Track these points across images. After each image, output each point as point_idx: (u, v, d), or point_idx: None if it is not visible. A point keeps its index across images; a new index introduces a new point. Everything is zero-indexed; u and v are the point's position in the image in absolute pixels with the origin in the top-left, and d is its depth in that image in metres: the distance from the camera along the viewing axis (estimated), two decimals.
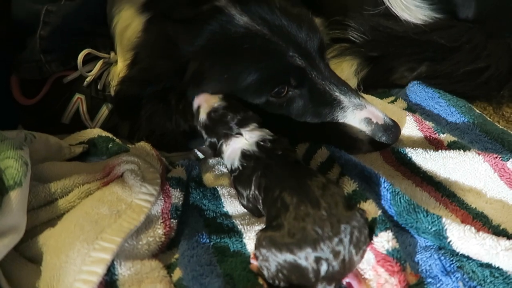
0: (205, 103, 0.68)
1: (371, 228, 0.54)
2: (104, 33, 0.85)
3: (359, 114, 0.71)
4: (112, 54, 0.85)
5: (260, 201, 0.60)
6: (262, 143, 0.64)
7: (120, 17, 0.82)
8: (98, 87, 0.84)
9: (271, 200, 0.57)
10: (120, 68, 0.81)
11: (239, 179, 0.65)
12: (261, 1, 0.72)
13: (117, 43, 0.84)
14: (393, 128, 0.71)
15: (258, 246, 0.52)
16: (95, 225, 0.53)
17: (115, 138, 0.80)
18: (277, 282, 0.50)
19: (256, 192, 0.61)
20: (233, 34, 0.69)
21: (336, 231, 0.49)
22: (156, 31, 0.74)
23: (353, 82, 0.94)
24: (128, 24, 0.80)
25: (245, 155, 0.64)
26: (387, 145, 0.71)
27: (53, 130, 0.84)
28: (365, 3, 0.96)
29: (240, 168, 0.64)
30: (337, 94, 0.72)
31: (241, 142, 0.65)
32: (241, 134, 0.65)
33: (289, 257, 0.49)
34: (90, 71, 0.84)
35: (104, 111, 0.84)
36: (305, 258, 0.48)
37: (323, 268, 0.48)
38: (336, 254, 0.48)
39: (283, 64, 0.69)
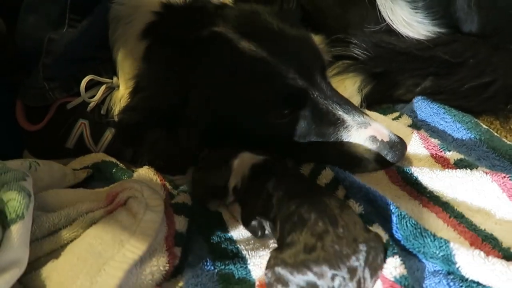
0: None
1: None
2: (106, 57, 0.85)
3: (364, 133, 0.70)
4: (115, 79, 0.86)
5: (271, 215, 0.59)
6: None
7: (121, 43, 0.82)
8: (102, 112, 0.85)
9: (286, 214, 0.56)
10: (122, 94, 0.82)
11: (249, 190, 0.64)
12: (260, 24, 0.73)
13: (119, 69, 0.84)
14: (399, 145, 0.70)
15: (272, 265, 0.51)
16: (98, 257, 0.52)
17: (118, 163, 0.80)
18: None
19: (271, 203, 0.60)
20: (233, 59, 0.69)
21: (354, 250, 0.48)
22: (156, 59, 0.74)
23: (356, 99, 0.93)
24: (129, 50, 0.80)
25: (256, 166, 0.65)
26: (393, 163, 0.71)
27: (58, 155, 0.85)
28: (367, 21, 0.96)
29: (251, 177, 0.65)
30: (340, 113, 0.71)
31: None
32: None
33: (304, 274, 0.48)
34: (93, 96, 0.84)
35: (108, 135, 0.84)
36: (321, 275, 0.47)
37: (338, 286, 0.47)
38: (352, 273, 0.47)
39: (284, 87, 0.69)
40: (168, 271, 0.59)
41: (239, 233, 0.67)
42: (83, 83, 0.82)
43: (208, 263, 0.61)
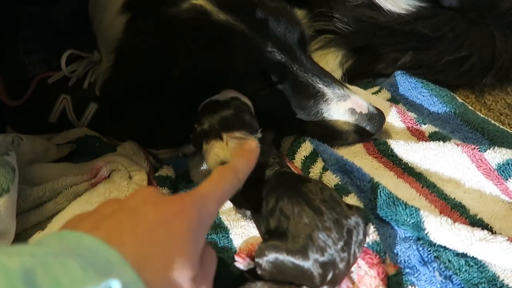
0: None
1: None
2: (87, 31, 0.84)
3: (343, 105, 0.72)
4: (96, 53, 0.85)
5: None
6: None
7: (102, 17, 0.81)
8: (84, 86, 0.84)
9: (267, 212, 0.55)
10: (104, 68, 0.82)
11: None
12: None
13: (100, 43, 0.84)
14: (377, 117, 0.72)
15: (260, 255, 0.50)
16: None
17: (102, 137, 0.81)
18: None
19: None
20: (212, 33, 0.69)
21: (340, 235, 0.49)
22: (137, 33, 0.73)
23: (338, 73, 0.94)
24: (109, 24, 0.79)
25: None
26: (372, 133, 0.73)
27: (41, 130, 0.85)
28: None
29: None
30: (320, 86, 0.72)
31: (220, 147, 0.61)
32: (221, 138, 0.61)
33: (295, 263, 0.48)
34: (75, 71, 0.84)
35: (91, 110, 0.84)
36: (312, 264, 0.48)
37: (330, 272, 0.48)
38: (342, 257, 0.48)
39: (262, 61, 0.70)
40: None
41: None
42: (64, 57, 0.81)
43: None
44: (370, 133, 0.72)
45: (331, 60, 0.95)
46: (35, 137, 0.75)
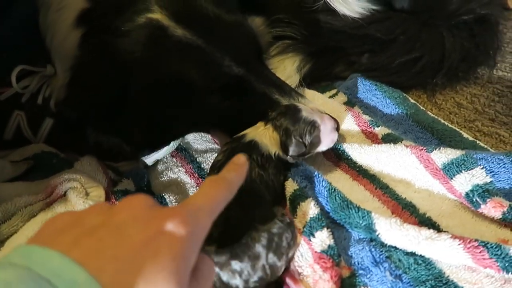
0: None
1: (310, 227, 0.58)
2: (38, 45, 0.82)
3: None
4: (49, 67, 0.83)
5: None
6: None
7: (54, 31, 0.80)
8: (38, 101, 0.83)
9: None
10: (60, 84, 0.80)
11: None
12: (195, 10, 0.73)
13: (54, 57, 0.82)
14: None
15: None
16: None
17: (59, 153, 0.80)
18: None
19: None
20: (169, 47, 0.69)
21: (252, 244, 0.51)
22: (92, 49, 0.73)
23: (295, 79, 0.96)
24: (63, 38, 0.78)
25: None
26: None
27: None
28: (304, 0, 0.98)
29: None
30: (276, 96, 0.74)
31: None
32: None
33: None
34: (27, 86, 0.82)
35: (47, 125, 0.83)
36: (224, 269, 0.50)
37: (244, 278, 0.50)
38: (254, 264, 0.50)
39: (220, 75, 0.71)
40: None
41: None
42: (14, 74, 0.79)
43: None
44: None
45: (289, 65, 0.97)
46: None
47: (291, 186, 0.66)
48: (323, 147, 0.70)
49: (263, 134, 0.68)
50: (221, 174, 0.45)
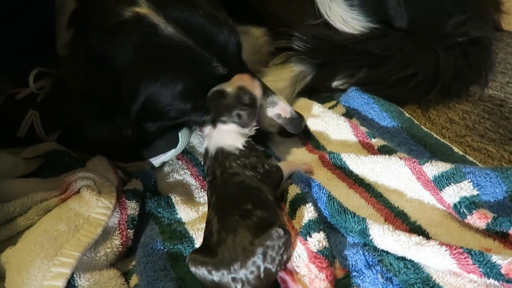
0: None
1: (308, 228, 0.62)
2: (51, 49, 0.85)
3: (272, 111, 0.80)
4: None
5: None
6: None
7: (60, 34, 0.82)
8: None
9: (208, 220, 0.63)
10: None
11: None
12: (184, 7, 0.72)
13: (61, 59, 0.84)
14: (297, 120, 0.80)
15: (190, 265, 0.58)
16: (54, 241, 0.57)
17: (71, 152, 0.83)
18: None
19: None
20: (159, 46, 0.70)
21: (248, 255, 0.55)
22: (82, 50, 0.73)
23: (287, 84, 1.01)
24: (63, 40, 0.80)
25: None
26: (292, 134, 0.83)
27: (9, 145, 0.86)
28: (306, 15, 1.03)
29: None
30: None
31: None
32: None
33: (208, 276, 0.56)
34: (43, 87, 0.86)
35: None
36: (221, 278, 0.55)
37: (239, 285, 0.54)
38: (251, 273, 0.54)
39: (209, 76, 0.73)
40: (121, 252, 0.65)
41: (187, 215, 0.74)
42: (31, 76, 0.83)
43: (158, 243, 0.67)
44: (290, 133, 0.81)
45: (286, 73, 1.02)
46: (3, 152, 0.77)
47: (293, 190, 0.71)
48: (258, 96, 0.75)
49: (221, 138, 0.71)
50: None
